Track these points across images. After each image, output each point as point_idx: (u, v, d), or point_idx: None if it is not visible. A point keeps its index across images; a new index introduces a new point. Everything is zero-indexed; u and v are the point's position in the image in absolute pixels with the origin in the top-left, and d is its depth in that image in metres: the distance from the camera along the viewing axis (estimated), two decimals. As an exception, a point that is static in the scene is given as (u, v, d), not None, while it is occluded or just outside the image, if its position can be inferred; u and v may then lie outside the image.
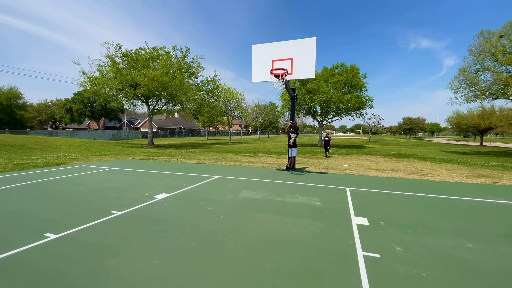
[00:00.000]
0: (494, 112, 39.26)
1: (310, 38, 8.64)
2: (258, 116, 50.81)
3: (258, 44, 9.39)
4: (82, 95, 38.86)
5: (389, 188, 6.92)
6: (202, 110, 27.85)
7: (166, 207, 4.93)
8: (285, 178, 8.21)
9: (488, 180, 8.37)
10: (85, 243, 3.33)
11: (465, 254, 3.17)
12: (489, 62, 19.36)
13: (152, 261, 2.88)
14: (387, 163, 12.57)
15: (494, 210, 5.04)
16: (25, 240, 3.38)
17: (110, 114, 48.30)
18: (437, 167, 11.30)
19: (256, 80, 9.33)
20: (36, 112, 52.21)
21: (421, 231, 3.89)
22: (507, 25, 17.81)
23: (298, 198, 5.70)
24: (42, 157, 12.96)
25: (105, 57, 21.33)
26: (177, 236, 3.59)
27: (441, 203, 5.46)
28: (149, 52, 22.37)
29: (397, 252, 3.18)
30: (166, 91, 21.73)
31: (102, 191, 6.14)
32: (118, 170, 9.40)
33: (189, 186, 6.74)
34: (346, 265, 2.86)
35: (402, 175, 9.09)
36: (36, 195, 5.70)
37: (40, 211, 4.63)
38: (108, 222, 4.08)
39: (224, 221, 4.19)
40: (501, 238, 3.67)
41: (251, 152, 18.72)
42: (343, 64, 25.33)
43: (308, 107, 26.65)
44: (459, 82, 21.18)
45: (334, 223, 4.17)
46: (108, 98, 22.10)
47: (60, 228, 3.78)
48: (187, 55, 23.22)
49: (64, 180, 7.38)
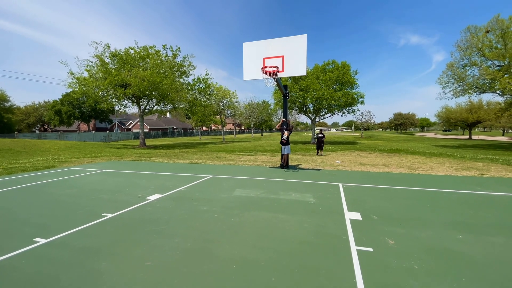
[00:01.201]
0: (482, 106, 40.21)
1: (300, 36, 8.65)
2: (251, 115, 50.72)
3: (249, 42, 9.34)
4: (71, 97, 38.07)
5: (381, 182, 7.02)
6: (194, 109, 27.63)
7: (159, 208, 4.88)
8: (279, 175, 8.23)
9: (477, 172, 8.57)
10: (77, 247, 3.26)
11: (455, 245, 3.24)
12: (476, 57, 19.78)
13: (145, 263, 2.85)
14: (379, 158, 12.73)
15: (483, 202, 5.16)
16: (14, 245, 3.30)
17: (100, 115, 47.43)
18: (427, 161, 11.51)
19: (248, 78, 9.30)
20: (23, 115, 50.92)
21: (412, 224, 3.96)
22: (493, 20, 18.20)
23: (292, 195, 5.72)
24: (31, 161, 12.65)
25: (94, 57, 20.91)
26: (170, 237, 3.55)
27: (432, 196, 5.56)
28: (138, 52, 22.01)
29: (390, 246, 3.23)
30: (157, 91, 21.43)
31: (93, 193, 6.03)
32: (109, 172, 9.25)
33: (182, 186, 6.69)
34: (340, 260, 2.89)
35: (394, 170, 9.22)
36: (25, 200, 5.56)
37: (29, 215, 4.52)
38: (99, 225, 4.01)
39: (218, 220, 4.18)
40: (490, 229, 3.76)
41: (245, 150, 18.70)
42: (334, 61, 25.47)
43: (301, 104, 26.73)
44: (447, 77, 21.58)
45: (327, 219, 4.20)
46: (98, 99, 21.64)
47: (50, 233, 3.69)
48: (178, 54, 22.98)
49: (53, 184, 7.22)
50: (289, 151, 9.60)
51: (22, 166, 10.87)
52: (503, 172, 8.51)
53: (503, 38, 17.76)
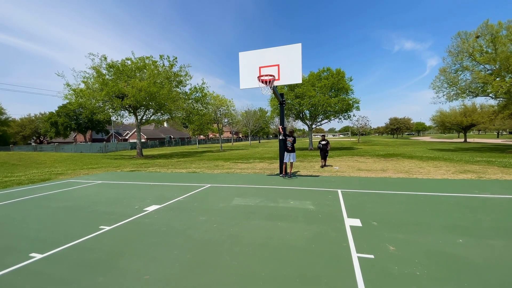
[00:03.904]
0: (476, 109, 40.85)
1: (295, 44, 8.79)
2: (249, 122, 50.86)
3: (245, 52, 9.46)
4: (67, 108, 37.86)
5: (379, 188, 7.02)
6: (191, 118, 27.66)
7: (157, 219, 4.82)
8: (278, 183, 8.21)
9: (474, 175, 8.62)
10: (73, 262, 3.20)
11: (456, 249, 3.23)
12: (467, 61, 20.14)
13: (144, 276, 2.80)
14: (377, 163, 12.78)
15: (481, 205, 5.18)
16: (9, 261, 3.22)
17: (97, 126, 47.36)
18: (424, 165, 11.57)
19: (244, 86, 9.38)
20: (19, 127, 50.63)
21: (412, 229, 3.95)
22: (482, 26, 18.64)
23: (291, 203, 5.69)
24: (26, 174, 12.50)
25: (91, 68, 20.96)
26: (169, 248, 3.50)
27: (431, 200, 5.57)
28: (135, 62, 22.14)
29: (391, 252, 3.21)
30: (154, 101, 21.46)
31: (90, 206, 5.96)
32: (106, 183, 9.16)
33: (180, 196, 6.63)
34: (341, 268, 2.86)
35: (392, 175, 9.25)
36: (20, 214, 5.47)
37: (25, 230, 4.44)
38: (97, 238, 3.95)
39: (217, 230, 4.13)
40: (489, 232, 3.76)
41: (243, 158, 18.66)
42: (329, 68, 25.84)
43: (297, 111, 26.93)
44: (440, 82, 21.90)
45: (327, 226, 4.18)
46: (95, 110, 21.61)
47: (46, 247, 3.62)
48: (175, 64, 23.12)
49: (49, 197, 7.12)
50: (295, 159, 9.20)
51: (18, 179, 10.73)
52: (499, 175, 8.57)
53: (493, 43, 18.15)
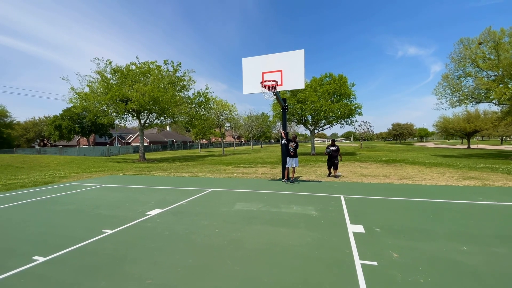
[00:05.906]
0: (479, 115, 40.64)
1: (298, 51, 8.86)
2: (251, 127, 50.93)
3: (248, 57, 9.56)
4: (72, 112, 38.39)
5: (382, 194, 6.98)
6: (194, 122, 27.80)
7: (159, 223, 4.83)
8: (280, 188, 8.19)
9: (478, 182, 8.55)
10: (76, 265, 3.20)
11: (460, 257, 3.20)
12: (470, 68, 20.14)
13: (146, 281, 2.79)
14: (379, 169, 12.71)
15: (485, 212, 5.13)
16: (12, 264, 3.24)
17: (100, 130, 47.61)
18: (428, 171, 11.50)
19: (247, 92, 9.45)
20: (23, 130, 51.01)
21: (416, 236, 3.92)
22: (485, 32, 18.69)
23: (294, 208, 5.68)
24: (30, 176, 12.58)
25: (95, 73, 21.25)
26: (171, 253, 3.50)
27: (434, 207, 5.53)
28: (140, 67, 22.40)
29: (394, 259, 3.18)
30: (157, 105, 21.65)
31: (92, 209, 5.98)
32: (109, 187, 9.19)
33: (182, 201, 6.64)
34: (344, 275, 2.84)
35: (395, 181, 9.20)
36: (23, 217, 5.50)
37: (28, 233, 4.46)
38: (99, 242, 3.96)
39: (219, 235, 4.13)
40: (493, 239, 3.72)
41: (245, 163, 18.66)
42: (331, 74, 25.94)
43: (299, 116, 26.98)
44: (443, 88, 21.89)
45: (330, 232, 4.16)
46: (98, 113, 21.83)
47: (49, 251, 3.64)
48: (179, 69, 23.37)
49: (52, 200, 7.16)
50: (297, 164, 9.24)
51: (21, 182, 10.80)
52: (503, 181, 8.50)
53: (495, 49, 18.16)
